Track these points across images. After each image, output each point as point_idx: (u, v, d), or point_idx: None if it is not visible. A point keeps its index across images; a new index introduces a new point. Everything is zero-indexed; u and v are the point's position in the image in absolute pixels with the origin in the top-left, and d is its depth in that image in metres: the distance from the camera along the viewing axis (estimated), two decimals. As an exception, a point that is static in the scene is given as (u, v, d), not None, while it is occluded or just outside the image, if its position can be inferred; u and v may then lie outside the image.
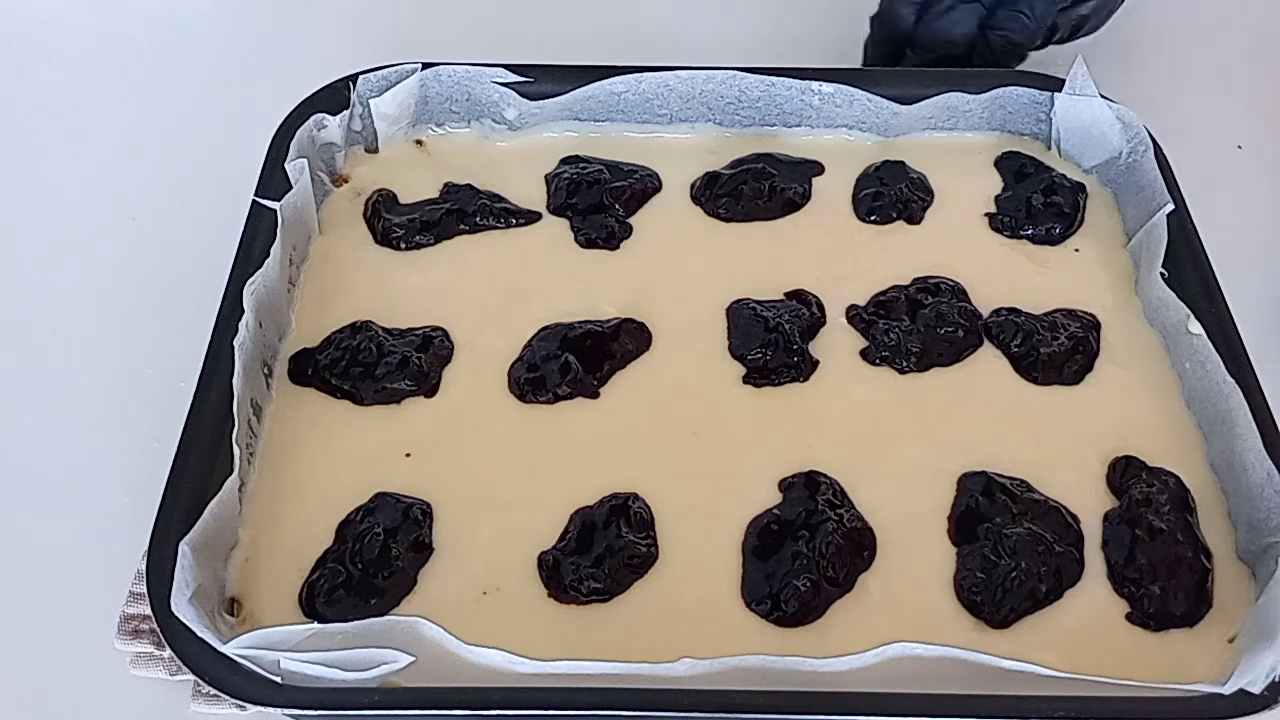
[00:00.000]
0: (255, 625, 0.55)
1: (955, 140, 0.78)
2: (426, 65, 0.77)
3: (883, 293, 0.69)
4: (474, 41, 0.83)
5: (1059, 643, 0.55)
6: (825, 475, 0.61)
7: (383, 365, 0.65)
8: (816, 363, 0.66)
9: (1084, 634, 0.56)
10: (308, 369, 0.66)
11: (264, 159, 0.71)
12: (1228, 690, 0.51)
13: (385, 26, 0.95)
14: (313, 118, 0.74)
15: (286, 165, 0.70)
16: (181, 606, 0.52)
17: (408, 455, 0.62)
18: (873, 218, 0.74)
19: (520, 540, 0.59)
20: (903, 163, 0.76)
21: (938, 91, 0.77)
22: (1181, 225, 0.68)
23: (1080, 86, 0.75)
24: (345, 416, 0.64)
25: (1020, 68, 0.78)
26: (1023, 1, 0.75)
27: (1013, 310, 0.68)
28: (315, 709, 0.52)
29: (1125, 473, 0.61)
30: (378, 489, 0.61)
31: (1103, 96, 0.75)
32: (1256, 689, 0.50)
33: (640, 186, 0.75)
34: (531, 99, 0.77)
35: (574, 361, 0.65)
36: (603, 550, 0.58)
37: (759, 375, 0.66)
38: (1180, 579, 0.57)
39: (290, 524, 0.60)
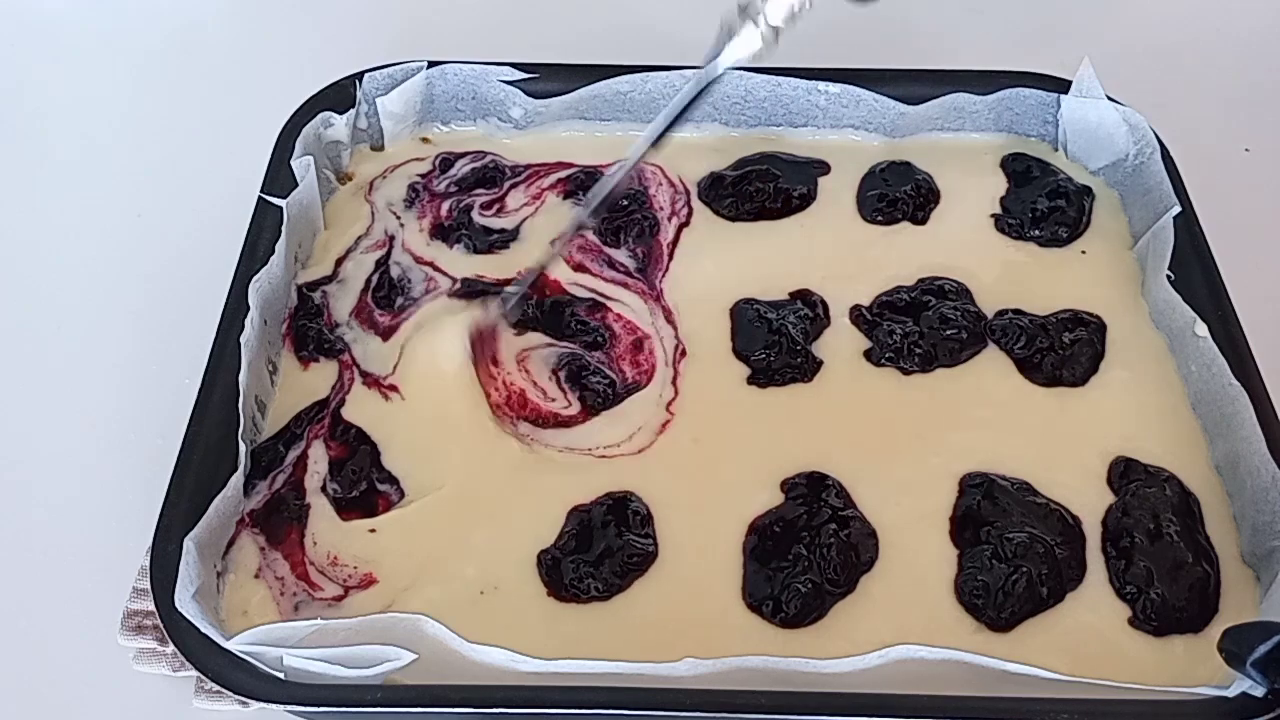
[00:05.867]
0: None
1: (962, 141, 0.78)
2: (433, 64, 0.77)
3: (887, 293, 0.69)
4: (480, 40, 0.83)
5: (1061, 646, 0.55)
6: (828, 476, 0.61)
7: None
8: (820, 363, 0.66)
9: (1086, 637, 0.56)
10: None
11: (270, 156, 0.71)
12: (1231, 693, 0.51)
13: (392, 25, 0.95)
14: (319, 115, 0.74)
15: (292, 162, 0.71)
16: (185, 602, 0.52)
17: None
18: (878, 218, 0.74)
19: (520, 540, 0.59)
20: (909, 163, 0.76)
21: (944, 92, 0.77)
22: (1188, 228, 0.68)
23: (1087, 88, 0.75)
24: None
25: (1027, 69, 0.77)
26: None
27: (1018, 312, 0.68)
28: (317, 705, 0.52)
29: (1124, 474, 0.61)
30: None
31: (1110, 98, 0.75)
32: (1260, 692, 0.50)
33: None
34: (537, 97, 0.77)
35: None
36: (603, 550, 0.58)
37: (763, 375, 0.66)
38: (1181, 584, 0.57)
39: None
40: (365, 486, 0.61)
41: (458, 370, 0.63)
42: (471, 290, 0.69)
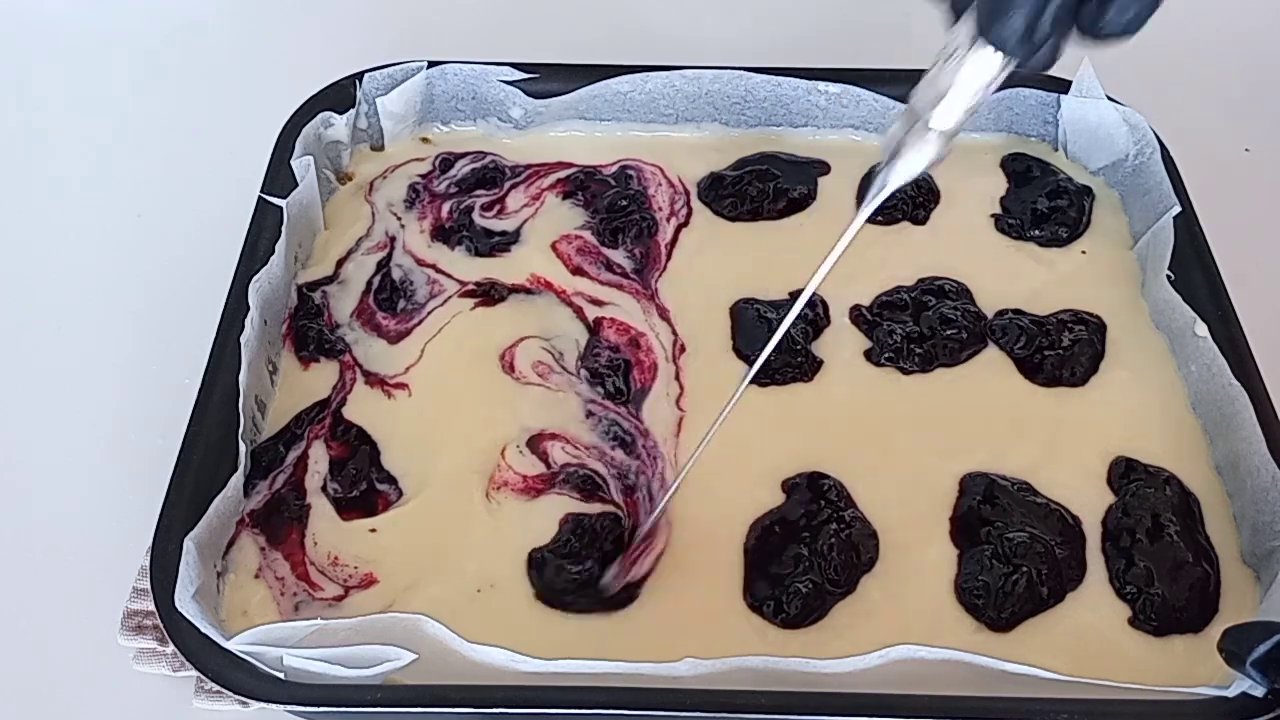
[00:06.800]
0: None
1: (962, 141, 0.77)
2: (433, 64, 0.77)
3: (887, 293, 0.69)
4: (480, 40, 0.83)
5: (1061, 646, 0.55)
6: (828, 476, 0.61)
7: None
8: (820, 363, 0.66)
9: (1086, 637, 0.56)
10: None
11: (270, 156, 0.71)
12: (1231, 693, 0.51)
13: (392, 25, 0.95)
14: (319, 115, 0.74)
15: (292, 162, 0.71)
16: (185, 602, 0.52)
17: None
18: (878, 218, 0.73)
19: (520, 539, 0.59)
20: (909, 163, 0.76)
21: (944, 92, 0.76)
22: (1188, 228, 0.68)
23: (1087, 88, 0.75)
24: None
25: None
26: None
27: (1018, 312, 0.68)
28: (317, 705, 0.52)
29: (1124, 474, 0.61)
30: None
31: (1109, 98, 0.75)
32: (1260, 692, 0.50)
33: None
34: (537, 97, 0.77)
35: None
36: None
37: (763, 375, 0.66)
38: (1181, 584, 0.57)
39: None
40: (365, 486, 0.61)
41: None
42: (483, 292, 0.69)
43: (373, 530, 0.59)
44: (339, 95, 0.75)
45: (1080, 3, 0.43)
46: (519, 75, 0.77)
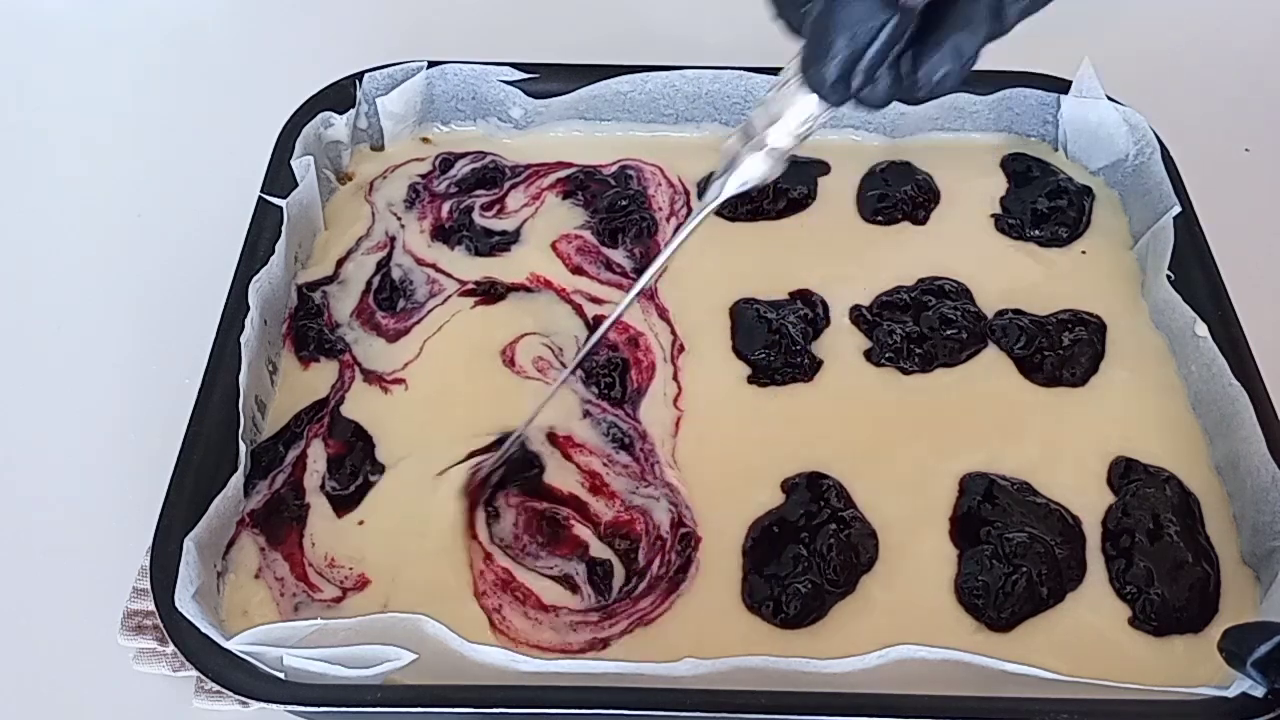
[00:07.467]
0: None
1: (962, 141, 0.78)
2: (433, 63, 0.77)
3: (887, 293, 0.69)
4: (480, 40, 0.83)
5: (1061, 646, 0.55)
6: (828, 476, 0.61)
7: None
8: (820, 363, 0.66)
9: (1086, 637, 0.56)
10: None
11: (270, 156, 0.71)
12: (1231, 693, 0.51)
13: (392, 25, 0.95)
14: (319, 115, 0.74)
15: (292, 162, 0.71)
16: (185, 602, 0.52)
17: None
18: (878, 218, 0.74)
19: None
20: (909, 163, 0.76)
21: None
22: (1189, 228, 0.68)
23: (1087, 88, 0.75)
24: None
25: (1027, 69, 0.77)
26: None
27: (1017, 312, 0.68)
28: (317, 705, 0.52)
29: (1124, 474, 0.61)
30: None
31: (1110, 98, 0.75)
32: (1259, 692, 0.50)
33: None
34: (537, 98, 0.77)
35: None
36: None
37: (763, 375, 0.66)
38: (1181, 584, 0.57)
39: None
40: (360, 481, 0.61)
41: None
42: (483, 290, 0.69)
43: (361, 522, 0.59)
44: (339, 95, 0.75)
45: (898, 56, 0.44)
46: (519, 75, 0.77)
